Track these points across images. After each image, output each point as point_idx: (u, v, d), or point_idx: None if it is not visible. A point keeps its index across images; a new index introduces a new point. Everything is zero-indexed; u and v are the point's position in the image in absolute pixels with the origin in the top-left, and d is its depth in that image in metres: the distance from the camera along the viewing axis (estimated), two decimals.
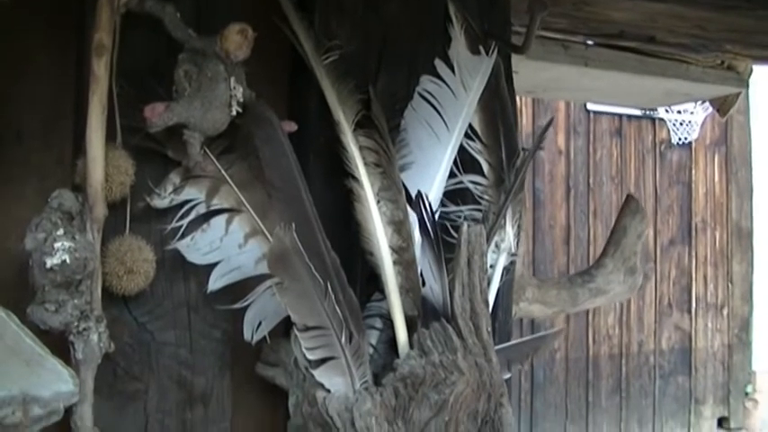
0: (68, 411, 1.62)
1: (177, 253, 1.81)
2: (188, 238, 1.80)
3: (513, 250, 2.05)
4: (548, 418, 7.70)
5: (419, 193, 1.77)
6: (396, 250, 1.83)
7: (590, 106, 7.73)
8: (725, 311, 8.65)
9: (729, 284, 8.66)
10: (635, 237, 2.49)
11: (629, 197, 2.62)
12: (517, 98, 2.40)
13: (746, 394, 8.67)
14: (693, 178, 8.43)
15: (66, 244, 1.57)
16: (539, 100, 7.47)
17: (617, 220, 2.53)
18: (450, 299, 1.74)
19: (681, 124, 8.02)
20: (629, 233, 2.48)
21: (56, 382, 1.50)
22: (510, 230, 2.04)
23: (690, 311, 8.43)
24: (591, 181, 7.66)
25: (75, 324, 1.63)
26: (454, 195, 2.03)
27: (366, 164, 1.85)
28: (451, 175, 2.03)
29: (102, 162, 1.68)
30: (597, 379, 7.98)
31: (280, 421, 1.94)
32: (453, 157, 2.02)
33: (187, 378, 1.88)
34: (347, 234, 1.88)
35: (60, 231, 1.58)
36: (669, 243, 8.28)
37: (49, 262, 1.56)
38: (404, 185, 1.88)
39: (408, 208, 1.86)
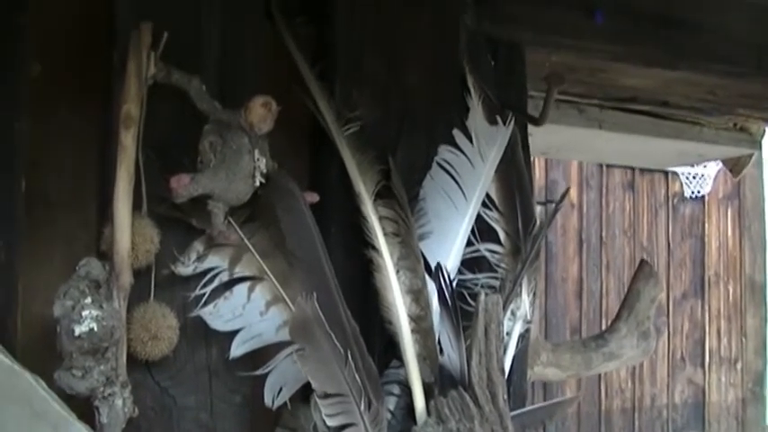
0: None
1: (200, 319, 1.84)
2: (211, 306, 1.83)
3: (528, 318, 2.08)
4: None
5: (438, 265, 1.80)
6: (414, 319, 1.86)
7: None
8: (738, 365, 8.60)
9: (743, 338, 8.63)
10: (648, 301, 2.52)
11: (643, 262, 2.65)
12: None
13: None
14: (706, 232, 8.43)
15: (94, 312, 1.61)
16: None
17: (630, 285, 2.56)
18: (467, 367, 1.77)
19: (694, 178, 8.04)
20: (642, 297, 2.51)
21: None
22: (525, 298, 2.08)
23: (703, 365, 8.39)
24: (603, 234, 7.67)
25: (101, 389, 1.66)
26: (471, 264, 2.07)
27: (385, 234, 1.89)
28: (469, 243, 2.06)
29: (128, 231, 1.72)
30: None
31: None
32: (471, 226, 2.05)
33: None
34: (366, 303, 1.92)
35: (88, 300, 1.62)
36: (682, 297, 8.27)
37: (77, 330, 1.59)
38: (422, 254, 1.92)
39: (426, 277, 1.90)
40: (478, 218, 2.08)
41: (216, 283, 1.84)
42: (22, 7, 1.84)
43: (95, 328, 1.60)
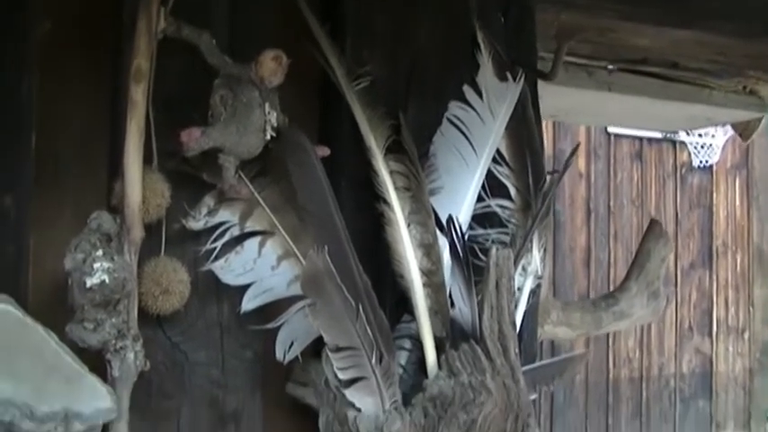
0: (105, 429, 1.66)
1: (210, 275, 1.85)
2: (222, 260, 1.84)
3: (539, 273, 2.08)
4: None
5: (450, 217, 1.80)
6: (425, 273, 1.86)
7: (611, 129, 7.75)
8: (746, 335, 8.63)
9: (751, 308, 8.65)
10: (659, 261, 2.51)
11: (653, 221, 2.64)
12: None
13: (767, 418, 8.65)
14: (714, 201, 8.43)
15: (106, 264, 1.61)
16: (560, 123, 7.50)
17: (641, 244, 2.55)
18: (478, 321, 1.77)
19: (702, 147, 8.02)
20: (652, 257, 2.51)
21: (95, 399, 1.54)
22: (536, 254, 2.07)
23: (711, 335, 8.42)
24: (611, 204, 7.68)
25: (113, 342, 1.66)
26: (482, 219, 2.06)
27: (396, 188, 1.89)
28: (479, 199, 2.06)
29: (139, 185, 1.72)
30: (617, 402, 7.96)
31: None
32: (481, 182, 2.05)
33: (219, 397, 1.91)
34: (377, 258, 1.91)
35: (99, 252, 1.62)
36: (690, 266, 8.27)
37: (89, 282, 1.59)
38: (433, 210, 1.92)
39: (437, 232, 1.90)
40: (489, 174, 2.07)
41: (227, 237, 1.85)
42: None
43: (107, 280, 1.60)
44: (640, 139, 8.00)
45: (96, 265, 1.61)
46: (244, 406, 1.93)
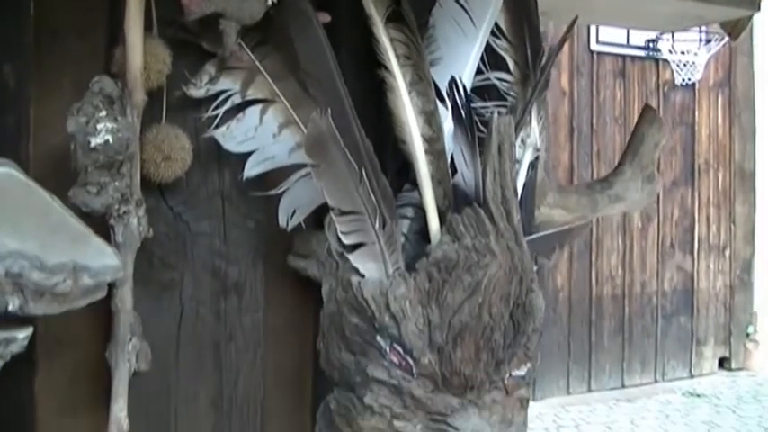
0: (109, 295, 1.66)
1: (212, 143, 1.85)
2: (223, 128, 1.84)
3: (537, 146, 2.09)
4: (551, 356, 7.75)
5: (452, 79, 1.80)
6: (426, 140, 1.86)
7: (593, 47, 7.73)
8: (727, 253, 8.71)
9: (732, 226, 8.72)
10: (652, 145, 2.52)
11: (647, 107, 2.65)
12: None
13: (747, 335, 8.75)
14: (697, 120, 8.46)
15: (109, 125, 1.60)
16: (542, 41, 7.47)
17: (635, 129, 2.56)
18: (482, 184, 1.78)
19: (684, 65, 8.02)
20: (646, 141, 2.52)
21: (102, 256, 1.54)
22: (535, 126, 2.08)
23: (692, 252, 8.49)
24: (594, 122, 7.69)
25: (116, 207, 1.67)
26: (481, 91, 2.07)
27: (397, 56, 1.89)
28: (478, 72, 2.06)
29: (140, 49, 1.72)
30: (600, 319, 8.04)
31: (310, 314, 1.99)
32: (480, 54, 2.05)
33: (221, 268, 1.94)
34: (379, 126, 1.92)
35: (103, 113, 1.61)
36: (672, 184, 8.32)
37: (93, 142, 1.59)
38: (433, 80, 1.92)
39: (438, 102, 1.90)
40: (487, 47, 2.07)
41: (228, 105, 1.85)
42: None
43: (110, 140, 1.60)
44: (623, 57, 7.99)
45: (100, 126, 1.60)
46: (246, 277, 1.96)
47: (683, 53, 7.97)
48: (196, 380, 1.93)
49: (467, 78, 2.01)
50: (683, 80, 8.11)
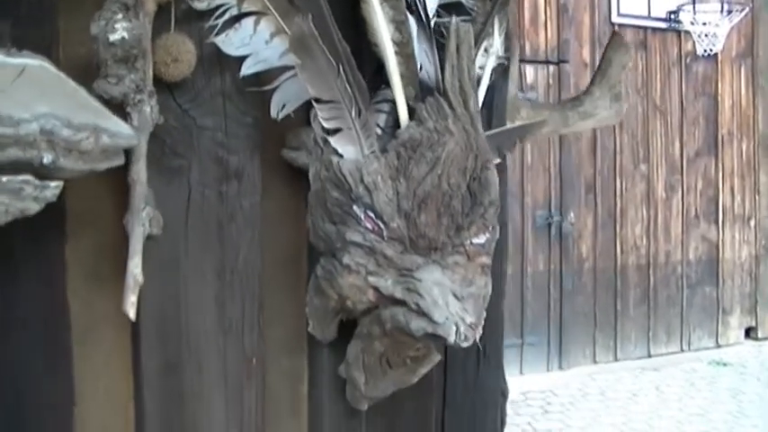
0: (127, 171, 1.98)
1: (215, 50, 2.14)
2: (223, 35, 2.12)
3: (499, 54, 2.37)
4: (577, 326, 7.94)
5: None
6: (397, 44, 2.13)
7: (614, 18, 7.91)
8: (752, 222, 8.81)
9: (756, 196, 8.82)
10: (619, 67, 2.76)
11: (615, 33, 2.89)
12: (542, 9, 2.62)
13: None
14: (719, 90, 8.57)
15: (125, 24, 1.92)
16: (564, 14, 7.69)
17: (603, 54, 2.79)
18: (441, 76, 2.08)
19: (706, 36, 8.13)
20: (614, 64, 2.75)
21: (119, 126, 1.85)
22: (497, 36, 2.35)
23: (717, 222, 8.61)
24: None
25: (132, 96, 1.97)
26: (448, 7, 2.32)
27: None
28: None
29: None
30: (625, 288, 8.19)
31: (302, 203, 2.27)
32: None
33: (223, 157, 2.23)
34: (356, 33, 2.19)
35: (119, 16, 1.93)
36: (695, 154, 8.44)
37: (112, 37, 1.91)
38: None
39: (408, 14, 2.18)
40: None
41: (226, 16, 2.13)
42: None
43: (126, 36, 1.92)
44: (644, 28, 8.16)
45: (117, 26, 1.92)
46: (245, 165, 2.26)
47: (704, 24, 8.08)
48: (203, 253, 2.22)
49: None
50: (705, 51, 8.23)
